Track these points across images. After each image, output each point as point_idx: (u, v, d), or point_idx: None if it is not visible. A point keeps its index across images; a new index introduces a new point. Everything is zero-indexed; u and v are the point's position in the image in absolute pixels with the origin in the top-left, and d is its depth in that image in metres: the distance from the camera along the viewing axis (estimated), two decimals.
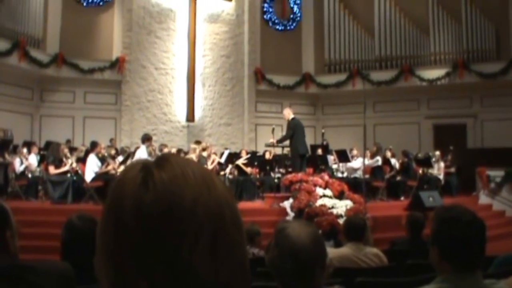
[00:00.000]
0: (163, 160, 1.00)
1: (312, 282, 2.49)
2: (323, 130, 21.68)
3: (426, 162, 18.69)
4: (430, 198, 14.33)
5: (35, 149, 17.42)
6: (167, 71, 23.11)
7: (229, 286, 0.95)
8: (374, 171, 18.14)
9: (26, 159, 16.81)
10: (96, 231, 1.00)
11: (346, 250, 5.57)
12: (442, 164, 19.51)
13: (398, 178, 18.39)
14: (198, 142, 18.02)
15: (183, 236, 0.92)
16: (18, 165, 16.43)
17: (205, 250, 0.93)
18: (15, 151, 17.21)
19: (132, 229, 0.92)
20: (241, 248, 0.99)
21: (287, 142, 15.49)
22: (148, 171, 0.97)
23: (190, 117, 22.77)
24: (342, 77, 25.48)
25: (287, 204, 13.34)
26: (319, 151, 18.51)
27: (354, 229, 5.67)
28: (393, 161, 19.11)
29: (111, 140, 20.49)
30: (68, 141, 19.57)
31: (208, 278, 0.93)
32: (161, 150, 17.40)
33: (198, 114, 23.04)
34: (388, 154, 19.16)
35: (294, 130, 15.00)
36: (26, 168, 16.63)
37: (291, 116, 15.34)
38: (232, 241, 0.97)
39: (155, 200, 0.93)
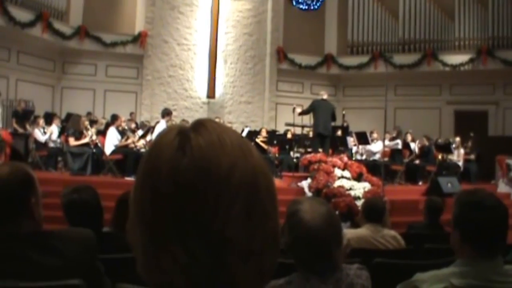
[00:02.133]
0: (199, 125, 0.98)
1: (330, 261, 2.49)
2: (343, 112, 21.61)
3: (446, 148, 18.58)
4: (449, 184, 14.27)
5: (57, 121, 17.50)
6: (189, 47, 23.09)
7: (260, 255, 0.96)
8: (393, 155, 18.09)
9: (44, 129, 16.88)
10: (131, 195, 0.99)
11: (364, 231, 5.57)
12: (462, 151, 19.39)
13: (417, 162, 18.32)
14: (217, 119, 18.04)
15: (218, 203, 0.91)
16: (40, 136, 16.52)
17: (239, 218, 0.92)
18: (35, 122, 17.32)
19: (168, 194, 0.91)
20: (273, 219, 0.99)
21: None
22: (185, 136, 0.96)
23: (211, 93, 22.76)
24: (364, 59, 25.32)
25: (305, 184, 13.35)
26: (339, 133, 18.47)
27: (373, 210, 5.66)
28: (413, 145, 19.03)
29: (131, 114, 20.55)
30: (88, 114, 19.66)
31: (241, 246, 0.93)
32: None
33: (218, 91, 23.03)
34: (408, 138, 19.07)
35: (313, 109, 15.43)
36: (50, 138, 16.71)
37: (320, 97, 15.69)
38: (266, 211, 0.97)
39: (192, 166, 0.92)
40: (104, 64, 23.27)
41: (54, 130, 16.99)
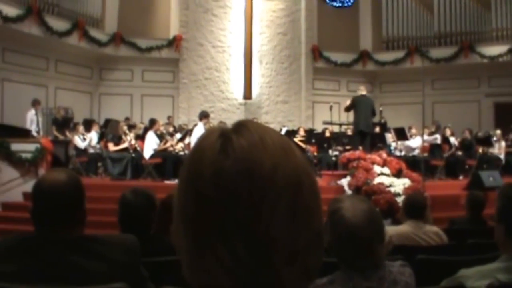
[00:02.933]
0: (241, 126, 0.98)
1: (372, 258, 2.49)
2: (381, 108, 21.45)
3: (487, 141, 18.31)
4: (491, 178, 14.06)
5: (96, 127, 17.73)
6: (224, 48, 23.16)
7: (305, 254, 0.95)
8: (433, 150, 17.91)
9: (84, 136, 17.09)
10: (175, 197, 0.99)
11: (405, 227, 5.53)
12: (503, 144, 19.07)
13: (457, 156, 18.10)
14: (254, 120, 18.04)
15: (262, 204, 0.91)
16: (79, 142, 16.74)
17: (283, 218, 0.92)
18: (75, 128, 17.54)
19: (211, 197, 0.91)
20: (317, 217, 0.98)
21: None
22: (227, 138, 0.95)
23: (247, 94, 22.78)
24: (400, 54, 25.10)
25: (344, 182, 13.29)
26: (377, 129, 18.36)
27: (414, 206, 5.62)
28: (452, 139, 18.81)
29: (168, 117, 20.69)
30: (126, 119, 19.85)
31: (285, 246, 0.92)
32: None
33: (255, 91, 23.02)
34: (447, 132, 18.85)
35: (353, 106, 15.35)
36: (89, 144, 16.93)
37: (360, 93, 15.61)
38: (309, 210, 0.96)
39: (235, 168, 0.91)
40: (140, 69, 23.51)
41: (93, 136, 17.20)
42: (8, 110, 18.84)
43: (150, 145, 15.30)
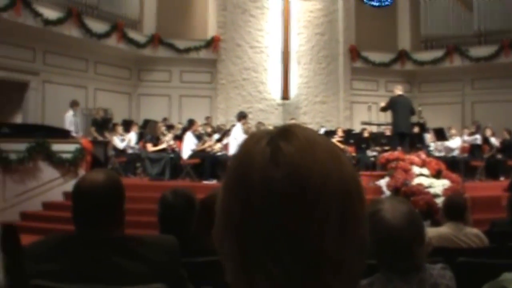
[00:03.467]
0: (288, 132, 0.96)
1: (412, 261, 2.47)
2: (419, 108, 21.24)
3: None
4: None
5: (135, 128, 17.88)
6: (261, 49, 23.16)
7: (352, 262, 0.93)
8: (473, 150, 17.70)
9: (123, 136, 17.25)
10: (217, 203, 0.98)
11: (445, 229, 5.47)
12: None
13: (498, 157, 17.85)
14: (291, 119, 18.06)
15: (313, 214, 0.89)
16: (118, 143, 16.91)
17: (333, 229, 0.90)
18: (114, 129, 17.71)
19: (259, 206, 0.89)
20: (363, 225, 0.96)
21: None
22: (276, 145, 0.92)
23: (285, 95, 22.73)
24: (439, 53, 24.79)
25: (383, 182, 13.20)
26: (416, 129, 18.20)
27: (454, 208, 5.55)
28: (493, 140, 18.55)
29: (207, 118, 20.78)
30: (164, 119, 19.97)
31: (334, 256, 0.90)
32: (258, 128, 17.52)
33: (293, 92, 22.97)
34: (488, 132, 18.59)
35: (391, 106, 15.19)
36: (128, 145, 17.08)
37: (397, 93, 15.45)
38: (357, 218, 0.94)
39: (285, 177, 0.89)
40: (178, 70, 23.64)
41: (132, 136, 17.35)
42: (49, 111, 19.11)
43: (188, 145, 15.38)
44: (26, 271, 2.46)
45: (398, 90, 15.63)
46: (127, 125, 18.23)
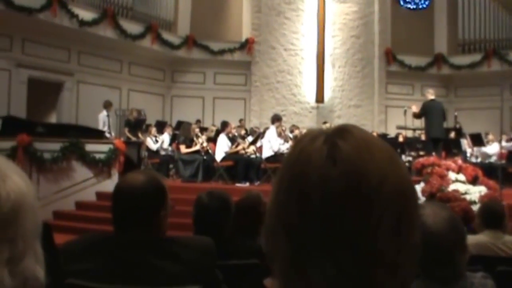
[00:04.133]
0: (345, 132, 0.95)
1: (453, 268, 2.43)
2: (456, 113, 21.07)
3: None
4: None
5: (169, 129, 17.95)
6: (296, 52, 23.14)
7: (405, 267, 0.93)
8: (511, 157, 17.46)
9: (156, 137, 17.34)
10: (271, 201, 0.97)
11: (483, 237, 5.36)
12: None
13: None
14: (324, 123, 18.01)
15: (369, 214, 0.88)
16: (152, 144, 17.00)
17: (389, 231, 0.89)
18: (147, 130, 17.81)
19: (316, 205, 0.88)
20: (418, 229, 0.95)
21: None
22: (333, 144, 0.92)
23: (320, 98, 22.67)
24: (477, 57, 24.49)
25: (418, 188, 13.08)
26: (452, 135, 18.01)
27: (492, 215, 5.44)
28: None
29: (240, 120, 20.80)
30: (198, 121, 20.04)
31: (389, 259, 0.90)
32: (292, 131, 17.47)
33: (327, 95, 22.90)
34: None
35: (425, 112, 15.04)
36: (161, 146, 17.17)
37: (429, 97, 15.27)
38: (412, 222, 0.94)
39: (342, 175, 0.89)
40: (212, 71, 23.73)
41: (165, 138, 17.43)
42: (83, 111, 19.32)
43: (222, 147, 15.38)
44: (62, 270, 2.48)
45: (430, 95, 15.45)
46: (161, 126, 18.32)
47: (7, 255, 1.01)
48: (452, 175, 12.87)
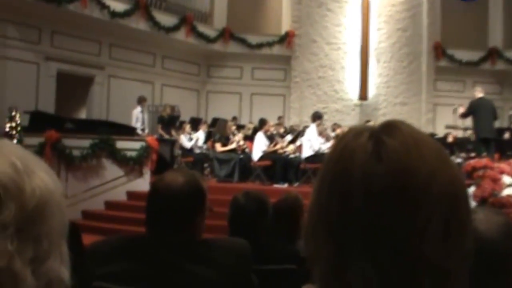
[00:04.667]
0: (392, 128, 0.94)
1: (505, 279, 2.37)
2: (511, 112, 20.76)
3: None
4: None
5: (203, 126, 17.98)
6: (339, 46, 23.03)
7: (456, 275, 0.90)
8: None
9: (190, 135, 17.38)
10: (312, 200, 0.97)
11: None
12: None
13: None
14: (367, 122, 17.88)
15: (416, 215, 0.87)
16: (186, 142, 17.05)
17: (437, 234, 0.88)
18: (181, 127, 17.87)
19: (360, 203, 0.88)
20: (470, 235, 0.94)
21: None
22: (379, 139, 0.92)
23: (363, 95, 22.55)
24: None
25: (468, 192, 12.93)
26: (507, 135, 17.75)
27: None
28: None
29: (279, 118, 20.76)
30: (234, 118, 20.05)
31: (437, 264, 0.88)
32: (333, 130, 17.40)
33: (371, 92, 22.77)
34: None
35: (472, 111, 14.88)
36: (195, 144, 17.22)
37: (478, 95, 15.11)
38: (464, 226, 0.92)
39: (388, 173, 0.88)
40: (250, 66, 23.73)
41: (200, 135, 17.46)
42: (114, 107, 19.49)
43: (259, 146, 15.37)
44: (89, 272, 2.48)
45: (479, 93, 15.28)
46: (195, 124, 18.36)
47: (31, 255, 1.00)
48: (506, 179, 12.68)
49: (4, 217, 0.97)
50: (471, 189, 12.83)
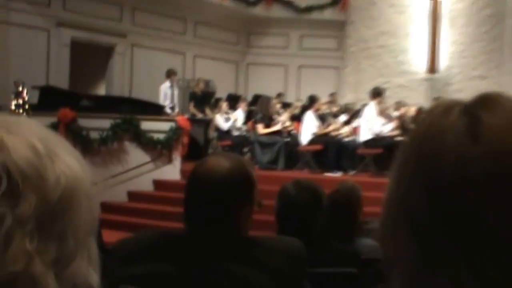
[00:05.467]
0: (489, 101, 0.90)
1: None
2: None
3: None
4: None
5: (243, 105, 17.99)
6: (403, 8, 22.76)
7: None
8: None
9: (227, 114, 17.40)
10: (390, 191, 0.94)
11: None
12: None
13: None
14: (437, 99, 17.69)
15: None
16: (222, 122, 17.09)
17: None
18: (217, 106, 17.90)
19: (450, 193, 0.85)
20: None
21: None
22: (474, 116, 0.88)
23: (433, 67, 22.24)
24: None
25: None
26: None
27: None
28: None
29: (331, 94, 20.68)
30: (279, 95, 20.03)
31: None
32: (396, 109, 17.25)
33: (443, 63, 22.42)
34: None
35: None
36: (234, 125, 17.23)
37: None
38: None
39: (487, 157, 0.84)
40: (298, 34, 23.66)
41: (239, 115, 17.48)
42: (138, 82, 19.59)
43: (309, 128, 15.34)
44: (113, 274, 2.48)
45: None
46: (233, 101, 18.41)
47: (54, 255, 0.98)
48: None
49: (22, 211, 0.95)
50: None
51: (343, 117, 16.78)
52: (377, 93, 15.55)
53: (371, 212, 5.26)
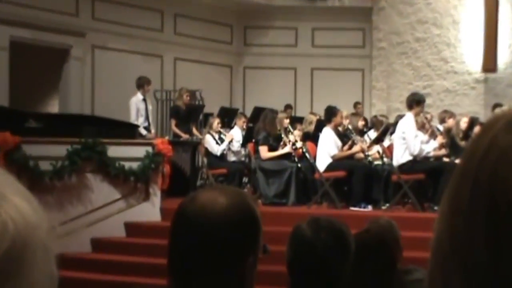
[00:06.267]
0: None
1: None
2: None
3: None
4: None
5: (241, 121, 18.04)
6: None
7: None
8: None
9: (221, 134, 17.42)
10: (440, 226, 0.94)
11: None
12: None
13: None
14: (496, 106, 17.75)
15: None
16: (214, 145, 17.11)
17: None
18: (206, 123, 17.93)
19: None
20: None
21: None
22: None
23: (489, 65, 22.28)
24: None
25: None
26: None
27: None
28: None
29: (356, 104, 20.78)
30: (288, 107, 20.09)
31: None
32: (442, 120, 17.23)
33: (502, 60, 22.48)
34: None
35: None
36: (229, 148, 17.25)
37: None
38: None
39: None
40: (310, 26, 23.75)
41: (236, 135, 17.50)
42: (102, 94, 19.65)
43: (327, 148, 15.36)
44: None
45: None
46: (228, 117, 18.47)
47: None
48: None
49: None
50: None
51: (371, 134, 16.80)
52: (416, 101, 15.50)
53: (413, 258, 5.26)
